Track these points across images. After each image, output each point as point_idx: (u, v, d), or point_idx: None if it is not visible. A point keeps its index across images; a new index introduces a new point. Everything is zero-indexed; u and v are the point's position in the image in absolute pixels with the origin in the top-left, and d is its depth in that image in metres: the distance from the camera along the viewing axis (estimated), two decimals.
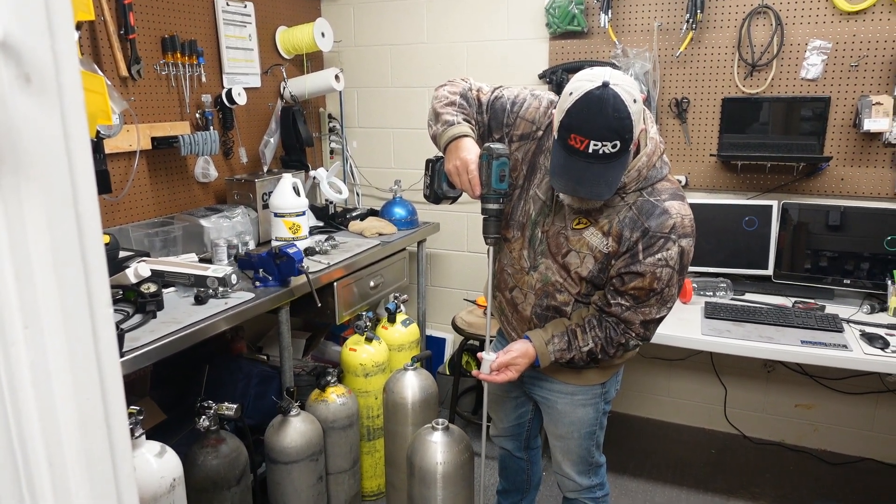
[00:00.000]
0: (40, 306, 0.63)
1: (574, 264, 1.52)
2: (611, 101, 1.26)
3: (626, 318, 1.50)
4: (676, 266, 1.45)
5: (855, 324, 2.28)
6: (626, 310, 1.49)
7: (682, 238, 1.44)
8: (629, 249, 1.45)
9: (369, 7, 3.28)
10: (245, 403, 2.33)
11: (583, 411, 1.73)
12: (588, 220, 1.49)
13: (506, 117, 1.58)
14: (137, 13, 2.34)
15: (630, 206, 1.45)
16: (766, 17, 2.56)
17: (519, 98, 1.58)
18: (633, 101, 1.29)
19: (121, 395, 0.74)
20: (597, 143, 1.27)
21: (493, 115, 1.59)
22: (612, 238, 1.47)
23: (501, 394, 1.93)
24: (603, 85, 1.27)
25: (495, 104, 1.60)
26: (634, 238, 1.44)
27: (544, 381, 1.75)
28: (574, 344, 1.54)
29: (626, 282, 1.47)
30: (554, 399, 1.74)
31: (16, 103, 0.58)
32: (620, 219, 1.46)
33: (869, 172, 2.55)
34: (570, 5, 2.78)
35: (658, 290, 1.46)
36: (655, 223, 1.42)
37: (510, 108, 1.58)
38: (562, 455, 1.83)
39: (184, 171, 2.65)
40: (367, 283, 2.64)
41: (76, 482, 0.70)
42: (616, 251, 1.47)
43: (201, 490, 1.82)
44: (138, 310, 1.85)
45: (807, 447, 2.91)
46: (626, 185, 1.44)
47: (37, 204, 0.61)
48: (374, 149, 3.44)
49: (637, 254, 1.44)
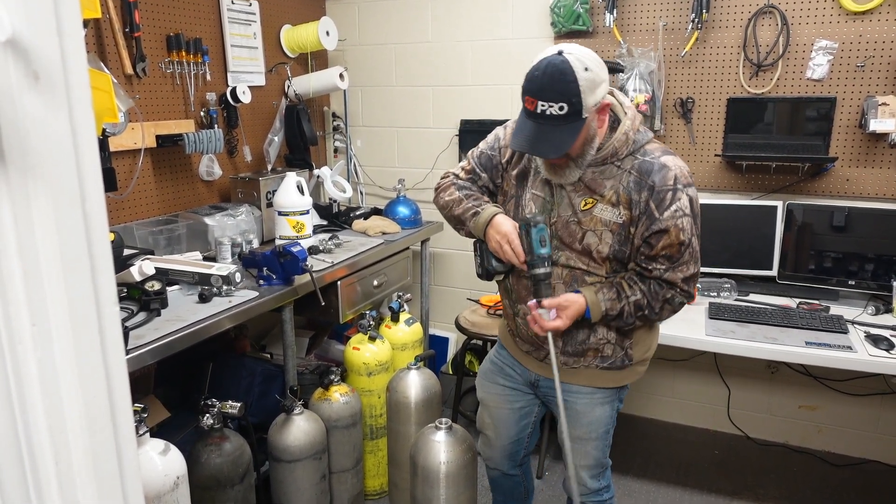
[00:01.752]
0: (48, 304, 0.64)
1: (594, 244, 1.54)
2: (559, 66, 1.36)
3: (668, 279, 1.53)
4: (691, 213, 1.49)
5: (860, 325, 2.27)
6: (665, 271, 1.52)
7: (687, 187, 1.49)
8: (643, 212, 1.48)
9: (374, 6, 3.28)
10: (248, 402, 2.34)
11: (601, 410, 1.73)
12: (593, 198, 1.53)
13: (494, 158, 1.71)
14: (143, 11, 2.34)
15: (629, 171, 1.50)
16: (772, 16, 2.56)
17: (492, 137, 1.74)
18: (583, 68, 1.37)
19: (127, 392, 0.74)
20: (544, 103, 1.38)
21: (486, 169, 1.73)
22: (622, 206, 1.50)
23: (504, 405, 1.88)
24: (557, 53, 1.38)
25: (482, 160, 1.73)
26: (644, 198, 1.48)
27: (563, 385, 1.73)
28: (622, 294, 1.54)
29: (653, 245, 1.50)
30: (573, 399, 1.72)
31: (24, 101, 0.59)
32: (624, 185, 1.50)
33: (875, 173, 2.54)
34: (576, 4, 2.78)
35: (686, 242, 1.49)
36: (658, 178, 1.47)
37: (491, 150, 1.72)
38: (579, 458, 1.79)
39: (188, 169, 2.65)
40: (370, 282, 2.64)
41: (82, 479, 0.70)
42: (630, 218, 1.50)
43: (205, 488, 1.83)
44: (142, 308, 1.85)
45: (811, 448, 2.90)
46: (618, 150, 1.50)
47: (44, 202, 0.61)
48: (377, 148, 3.45)
49: (652, 213, 1.47)
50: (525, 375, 1.81)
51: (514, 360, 1.82)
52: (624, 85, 2.75)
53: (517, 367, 1.82)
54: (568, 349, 1.66)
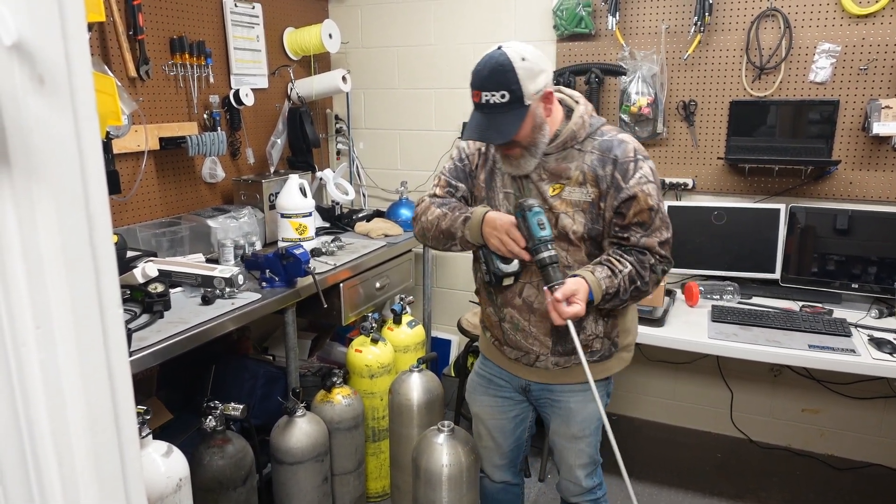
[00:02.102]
0: (51, 307, 0.64)
1: (568, 225, 1.58)
2: (498, 59, 1.45)
3: (645, 245, 1.57)
4: (654, 181, 1.57)
5: (863, 328, 2.27)
6: (641, 237, 1.57)
7: (646, 159, 1.57)
8: (610, 184, 1.55)
9: (377, 9, 3.29)
10: (251, 404, 2.34)
11: (593, 406, 1.73)
12: (560, 182, 1.58)
13: (466, 168, 1.73)
14: (146, 14, 2.35)
15: (591, 151, 1.57)
16: (775, 19, 2.56)
17: (456, 152, 1.77)
18: (520, 59, 1.45)
19: (130, 394, 0.74)
20: (487, 93, 1.46)
21: (462, 180, 1.74)
22: (589, 184, 1.56)
23: (499, 416, 1.87)
24: (497, 48, 1.48)
25: (455, 173, 1.75)
26: (609, 171, 1.55)
27: (554, 386, 1.75)
28: (615, 269, 1.55)
29: (625, 214, 1.55)
30: (566, 399, 1.74)
31: (28, 104, 0.59)
32: (588, 164, 1.56)
33: (878, 176, 2.53)
34: (578, 7, 2.78)
35: (655, 208, 1.56)
36: (620, 151, 1.55)
37: (460, 162, 1.74)
38: (574, 458, 1.81)
39: (191, 171, 2.66)
40: (372, 284, 2.65)
41: (85, 481, 0.70)
42: (598, 194, 1.56)
43: (207, 490, 1.83)
44: (146, 310, 1.86)
45: (814, 452, 2.89)
46: (577, 133, 1.57)
47: (48, 205, 0.62)
48: (380, 150, 3.45)
49: (619, 183, 1.54)
50: (515, 383, 1.80)
51: (502, 369, 1.81)
52: (626, 88, 2.76)
53: (505, 376, 1.81)
54: (559, 349, 1.67)
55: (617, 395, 3.19)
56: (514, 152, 1.55)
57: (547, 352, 1.66)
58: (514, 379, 1.79)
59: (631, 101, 2.74)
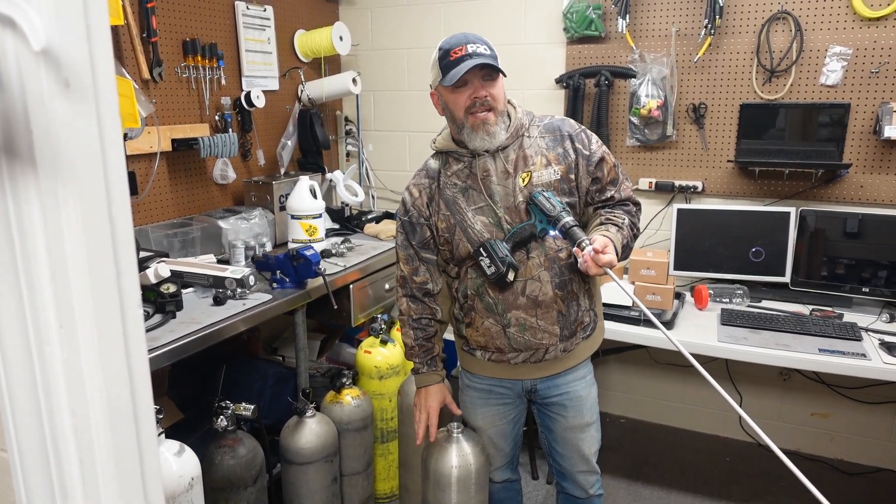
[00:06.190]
0: (74, 307, 0.65)
1: None
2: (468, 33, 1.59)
3: (624, 196, 1.70)
4: None
5: (874, 332, 2.26)
6: (617, 192, 1.69)
7: (586, 129, 1.71)
8: (576, 156, 1.65)
9: (387, 11, 3.30)
10: (261, 404, 2.35)
11: (594, 388, 1.83)
12: (527, 171, 1.64)
13: (419, 221, 1.73)
14: (160, 17, 2.37)
15: (540, 136, 1.67)
16: (786, 22, 2.55)
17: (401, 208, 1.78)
18: None
19: (149, 393, 0.75)
20: (473, 45, 1.55)
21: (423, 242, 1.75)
22: (553, 163, 1.65)
23: (501, 422, 1.88)
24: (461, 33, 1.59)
25: (414, 238, 1.75)
26: (568, 146, 1.65)
27: (560, 378, 1.76)
28: (618, 223, 1.63)
29: (599, 176, 1.67)
30: (576, 388, 1.77)
31: (55, 108, 0.60)
32: (545, 146, 1.66)
33: (889, 180, 2.52)
34: (588, 10, 2.78)
35: (616, 164, 1.71)
36: (567, 127, 1.68)
37: (409, 216, 1.75)
38: (588, 446, 1.83)
39: (203, 172, 2.68)
40: (382, 285, 2.65)
41: (105, 478, 0.71)
42: (566, 168, 1.65)
43: (218, 489, 1.84)
44: (158, 310, 1.87)
45: (823, 456, 2.88)
46: (523, 122, 1.67)
47: (73, 206, 0.63)
48: (390, 152, 3.46)
49: (582, 151, 1.65)
50: (517, 388, 1.80)
51: (501, 379, 1.80)
52: (636, 90, 2.76)
53: (506, 383, 1.80)
54: (566, 333, 1.69)
55: (626, 397, 3.19)
56: (489, 117, 1.59)
57: (556, 340, 1.68)
58: (517, 384, 1.79)
59: (641, 104, 2.74)
